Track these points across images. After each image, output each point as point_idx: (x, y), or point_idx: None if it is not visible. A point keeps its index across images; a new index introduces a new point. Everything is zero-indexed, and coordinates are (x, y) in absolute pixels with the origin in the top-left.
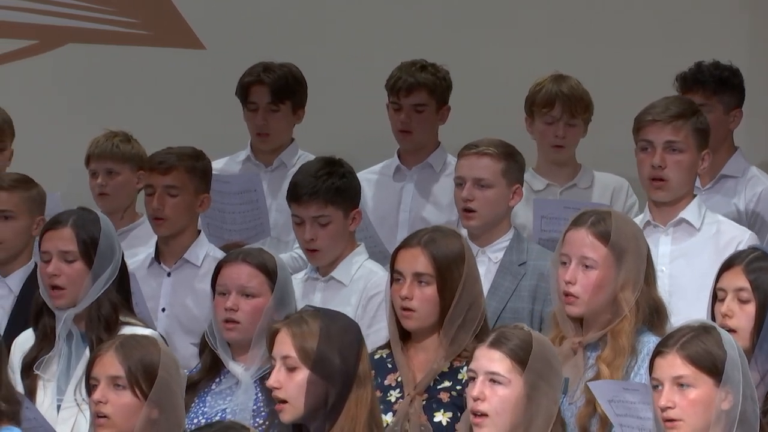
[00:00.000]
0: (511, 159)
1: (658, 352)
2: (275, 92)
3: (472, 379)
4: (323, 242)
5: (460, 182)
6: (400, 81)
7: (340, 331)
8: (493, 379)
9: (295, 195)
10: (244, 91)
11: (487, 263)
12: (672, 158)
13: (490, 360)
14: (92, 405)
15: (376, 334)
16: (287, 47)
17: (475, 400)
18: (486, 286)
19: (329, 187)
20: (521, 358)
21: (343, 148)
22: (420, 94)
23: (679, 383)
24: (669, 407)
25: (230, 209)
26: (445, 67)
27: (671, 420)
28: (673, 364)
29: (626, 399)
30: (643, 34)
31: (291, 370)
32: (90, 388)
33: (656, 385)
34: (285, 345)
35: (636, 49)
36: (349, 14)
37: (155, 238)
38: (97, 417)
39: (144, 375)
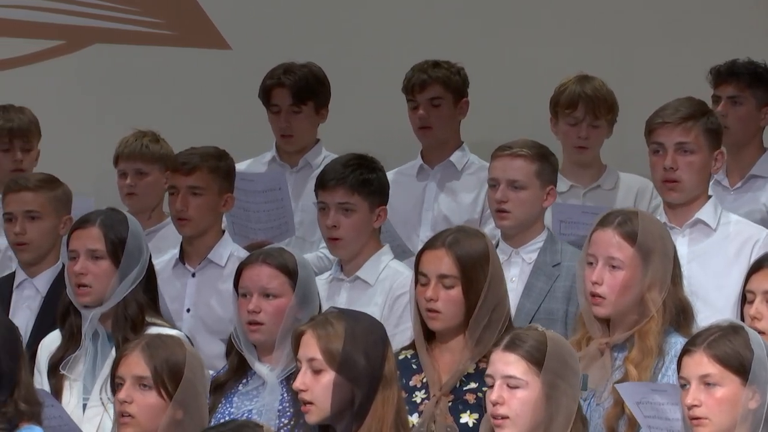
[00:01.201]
0: (544, 160)
1: (685, 351)
2: (296, 94)
3: (491, 384)
4: (345, 231)
5: (493, 183)
6: (413, 79)
7: (365, 332)
8: (511, 382)
9: (322, 181)
10: (265, 94)
11: (521, 264)
12: (683, 159)
13: (506, 363)
14: (117, 404)
15: (403, 333)
16: (312, 47)
17: (495, 404)
18: (519, 287)
19: (357, 177)
20: (537, 358)
21: (368, 148)
22: (434, 88)
23: (706, 382)
24: (695, 405)
25: (255, 208)
26: (460, 63)
27: (697, 418)
28: (700, 363)
29: (654, 400)
30: (670, 33)
31: (317, 372)
32: (115, 388)
33: (683, 384)
34: (310, 347)
35: (663, 48)
36: (374, 13)
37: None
38: (121, 416)
39: (169, 375)
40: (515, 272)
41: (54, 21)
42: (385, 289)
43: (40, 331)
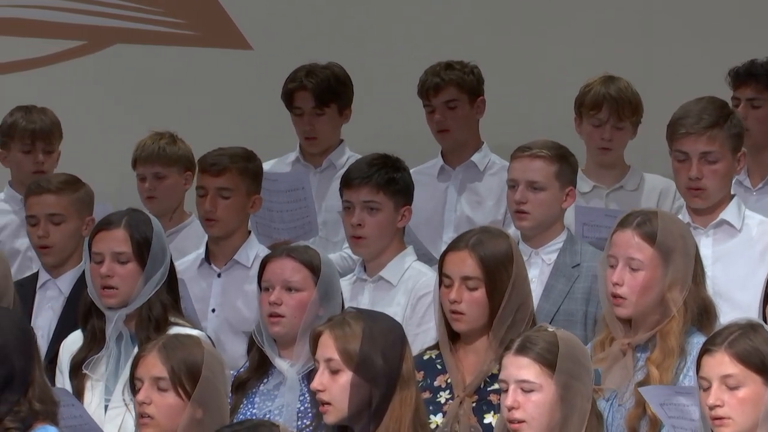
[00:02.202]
0: (564, 161)
1: (705, 351)
2: (319, 96)
3: (505, 389)
4: (370, 230)
5: (512, 184)
6: (427, 83)
7: (383, 332)
8: (525, 386)
9: (347, 180)
10: (288, 97)
11: (541, 265)
12: (709, 168)
13: (519, 367)
14: (136, 405)
15: (425, 334)
16: (335, 47)
17: (510, 409)
18: (539, 288)
19: (382, 176)
20: (549, 361)
21: (392, 148)
22: (448, 90)
23: (728, 382)
24: (718, 405)
25: (278, 208)
26: (473, 62)
27: (720, 418)
28: (722, 363)
29: (678, 402)
30: (695, 33)
31: (334, 372)
32: (134, 389)
33: (704, 384)
34: (328, 348)
35: (687, 48)
36: (396, 12)
37: (205, 238)
38: (141, 417)
39: (187, 375)
40: (534, 273)
41: (75, 21)
42: (407, 290)
43: (62, 331)
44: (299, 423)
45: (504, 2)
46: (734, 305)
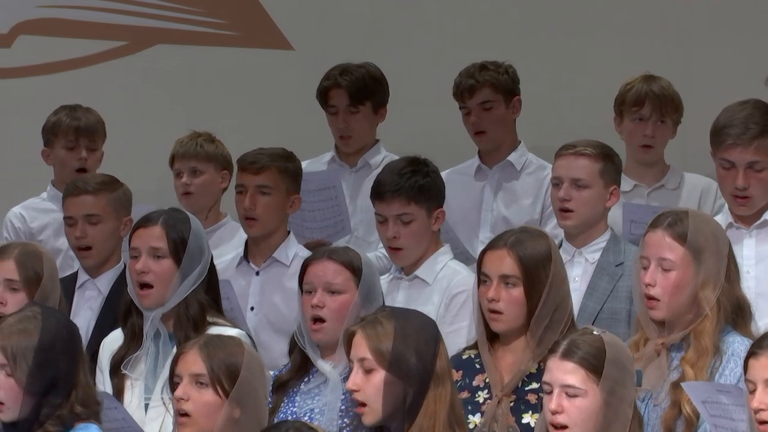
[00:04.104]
0: (608, 160)
1: (751, 353)
2: (353, 95)
3: (548, 392)
4: (406, 241)
5: (557, 182)
6: (461, 85)
7: (416, 330)
8: (569, 391)
9: (378, 193)
10: (323, 95)
11: (584, 264)
12: (755, 176)
13: (564, 372)
14: (174, 402)
15: (457, 333)
16: (375, 47)
17: (554, 413)
18: (582, 287)
19: (412, 186)
20: (595, 366)
21: (429, 148)
22: (483, 91)
23: None
24: (762, 409)
25: (310, 207)
26: (508, 62)
27: (765, 422)
28: (766, 366)
29: (720, 400)
30: (732, 34)
31: (368, 372)
32: (173, 386)
33: (750, 387)
34: (361, 347)
35: (725, 49)
36: (435, 12)
37: (239, 237)
38: (179, 415)
39: (226, 374)
40: (578, 272)
41: (117, 21)
42: (442, 288)
43: (101, 331)
44: (340, 422)
45: (542, 2)
46: None
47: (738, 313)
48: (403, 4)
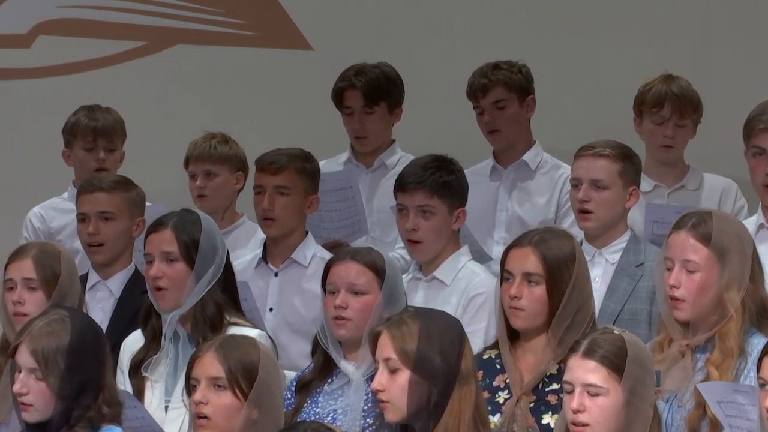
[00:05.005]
0: (627, 160)
1: (766, 352)
2: (368, 95)
3: (569, 391)
4: (425, 234)
5: (576, 183)
6: (474, 84)
7: (441, 330)
8: (591, 390)
9: (401, 184)
10: (337, 96)
11: (604, 264)
12: None
13: (586, 371)
14: (192, 406)
15: (474, 334)
16: (393, 47)
17: (576, 412)
18: (603, 288)
19: (437, 180)
20: (616, 365)
21: (444, 148)
22: (496, 90)
23: None
24: None
25: (326, 207)
26: (522, 61)
27: None
28: None
29: (736, 400)
30: (752, 32)
31: (393, 372)
32: (190, 389)
33: (763, 385)
34: (386, 348)
35: (744, 47)
36: (454, 12)
37: (256, 238)
38: (197, 418)
39: (244, 375)
40: (598, 273)
41: (136, 22)
42: (460, 289)
43: (113, 332)
44: (363, 422)
45: (559, 2)
46: None
47: (763, 314)
48: (422, 5)
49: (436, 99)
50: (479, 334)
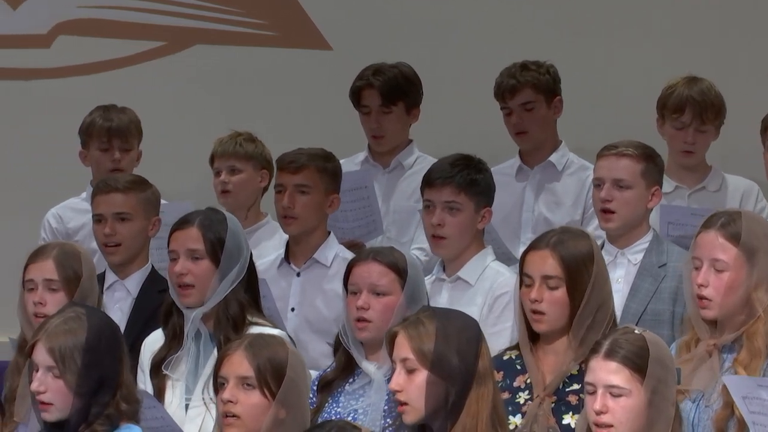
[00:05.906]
0: (650, 160)
1: None
2: (386, 94)
3: (591, 392)
4: (450, 230)
5: (598, 183)
6: (503, 85)
7: (458, 329)
8: (614, 391)
9: (429, 179)
10: (355, 95)
11: (627, 265)
12: None
13: (608, 372)
14: (220, 405)
15: (500, 334)
16: (412, 47)
17: (598, 413)
18: (625, 289)
19: (464, 177)
20: (638, 365)
21: (462, 149)
22: (524, 92)
23: None
24: None
25: (342, 207)
26: (549, 61)
27: None
28: None
29: (761, 396)
30: None
31: (410, 372)
32: (218, 388)
33: None
34: (403, 348)
35: (767, 49)
36: (474, 12)
37: (280, 238)
38: (225, 417)
39: (272, 374)
40: (621, 273)
41: (155, 22)
42: (485, 289)
43: (131, 332)
44: (383, 422)
45: (581, 1)
46: None
47: None
48: (442, 5)
49: (454, 99)
50: (505, 333)
